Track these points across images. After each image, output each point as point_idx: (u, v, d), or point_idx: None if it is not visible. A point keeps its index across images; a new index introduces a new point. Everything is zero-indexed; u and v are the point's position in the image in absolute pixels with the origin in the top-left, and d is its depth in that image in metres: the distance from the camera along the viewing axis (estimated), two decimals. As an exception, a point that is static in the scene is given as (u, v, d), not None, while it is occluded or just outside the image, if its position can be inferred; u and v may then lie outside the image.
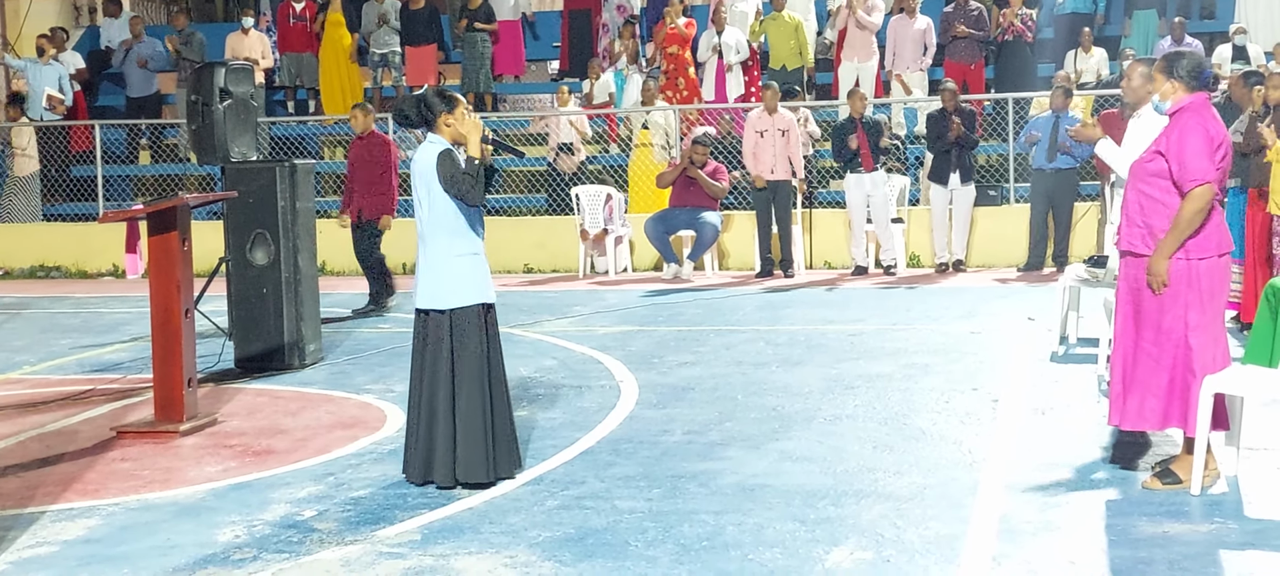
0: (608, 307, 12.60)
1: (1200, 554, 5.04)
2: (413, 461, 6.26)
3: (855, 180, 14.43)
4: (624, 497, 5.98)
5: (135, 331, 11.52)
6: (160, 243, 7.67)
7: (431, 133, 6.20)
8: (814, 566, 5.00)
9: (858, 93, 14.71)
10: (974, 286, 13.33)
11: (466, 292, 6.16)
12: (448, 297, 6.15)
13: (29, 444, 7.52)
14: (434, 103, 6.17)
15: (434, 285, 6.17)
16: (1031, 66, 17.15)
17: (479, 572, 5.02)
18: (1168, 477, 5.88)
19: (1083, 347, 9.41)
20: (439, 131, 6.17)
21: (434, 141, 6.16)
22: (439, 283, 6.16)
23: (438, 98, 6.19)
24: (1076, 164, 14.04)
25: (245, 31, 18.65)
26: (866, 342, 10.01)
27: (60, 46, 18.86)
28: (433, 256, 6.17)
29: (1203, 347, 5.76)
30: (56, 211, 18.38)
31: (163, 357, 7.66)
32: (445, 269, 6.15)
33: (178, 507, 6.08)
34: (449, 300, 6.15)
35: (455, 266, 6.15)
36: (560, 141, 16.94)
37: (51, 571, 5.19)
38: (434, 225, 6.15)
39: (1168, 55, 6.03)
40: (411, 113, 6.23)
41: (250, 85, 9.79)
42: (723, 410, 7.79)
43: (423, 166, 6.12)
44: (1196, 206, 5.70)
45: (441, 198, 6.10)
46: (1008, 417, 7.44)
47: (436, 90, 6.27)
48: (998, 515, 5.58)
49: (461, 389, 6.13)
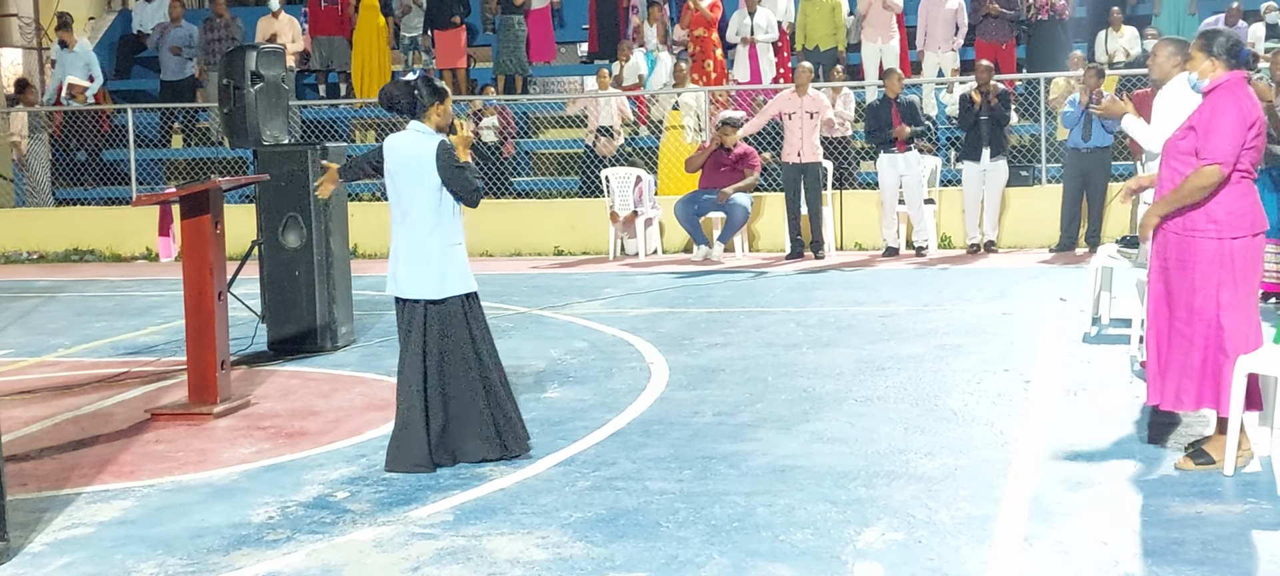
0: (638, 289, 12.60)
1: (1233, 534, 5.02)
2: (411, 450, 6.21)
3: (888, 160, 14.37)
4: (655, 478, 5.99)
5: (169, 314, 11.59)
6: (193, 226, 7.71)
7: (416, 121, 6.24)
8: (845, 547, 5.00)
9: (895, 73, 14.63)
10: (1006, 267, 13.28)
11: (464, 281, 6.24)
12: (449, 286, 6.21)
13: (64, 426, 7.59)
14: (425, 92, 6.22)
15: (428, 274, 6.19)
16: (1064, 46, 17.02)
17: (511, 553, 5.04)
18: (1201, 458, 5.85)
19: (1115, 328, 9.36)
20: (427, 121, 6.22)
21: (422, 131, 6.21)
22: (434, 271, 6.19)
23: (428, 88, 6.24)
24: (1111, 140, 13.95)
25: (276, 14, 18.70)
26: (897, 323, 9.99)
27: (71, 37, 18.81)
28: (424, 246, 6.18)
29: (1235, 327, 5.72)
30: (90, 195, 18.50)
31: (196, 340, 7.71)
32: (439, 258, 6.18)
33: (212, 489, 6.12)
34: (449, 288, 6.21)
35: (451, 256, 6.21)
36: (600, 124, 16.93)
37: (87, 552, 5.24)
38: (425, 214, 6.16)
39: (1205, 32, 5.98)
40: (402, 99, 6.24)
41: (281, 68, 9.81)
42: (753, 391, 7.79)
43: (416, 154, 6.15)
44: (1201, 182, 5.67)
45: (437, 187, 6.14)
46: (1039, 398, 7.41)
47: (427, 79, 6.32)
48: (1030, 496, 5.56)
49: (463, 373, 6.23)
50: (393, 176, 6.23)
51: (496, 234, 16.49)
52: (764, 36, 17.31)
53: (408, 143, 6.22)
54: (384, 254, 16.66)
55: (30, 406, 8.10)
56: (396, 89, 6.26)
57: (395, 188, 6.23)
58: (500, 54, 18.75)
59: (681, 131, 16.36)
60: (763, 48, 17.36)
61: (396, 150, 6.22)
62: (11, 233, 17.90)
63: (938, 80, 16.81)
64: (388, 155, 6.25)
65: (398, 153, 6.22)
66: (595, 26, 19.66)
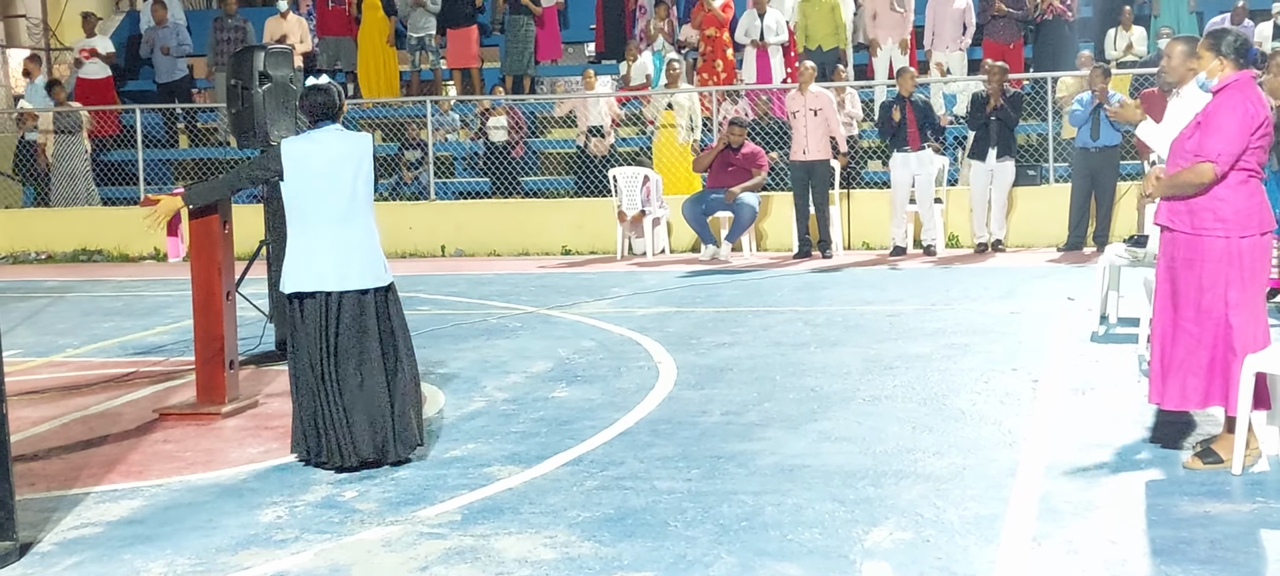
0: (645, 289, 12.61)
1: (1242, 533, 5.01)
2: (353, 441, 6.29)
3: (901, 159, 14.37)
4: (663, 478, 5.99)
5: (177, 314, 11.61)
6: (201, 226, 7.71)
7: (333, 122, 6.46)
8: (853, 546, 5.00)
9: (908, 71, 14.61)
10: (1013, 266, 13.27)
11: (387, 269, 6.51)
12: (387, 274, 6.45)
13: (72, 426, 7.60)
14: (343, 95, 6.60)
15: (377, 264, 6.40)
16: (1071, 45, 17.01)
17: (519, 552, 5.04)
18: (1209, 457, 5.84)
19: (1123, 327, 9.35)
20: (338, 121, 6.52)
21: (349, 131, 6.49)
22: (380, 260, 6.43)
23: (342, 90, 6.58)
24: (1119, 139, 13.94)
25: (284, 15, 18.73)
26: (905, 323, 9.98)
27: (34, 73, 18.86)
28: (364, 237, 6.37)
29: (1244, 326, 5.71)
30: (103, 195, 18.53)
31: (204, 340, 7.71)
32: (375, 248, 6.43)
33: (220, 488, 6.13)
34: (387, 276, 6.44)
35: (377, 245, 6.46)
36: (589, 125, 16.94)
37: (96, 551, 5.25)
38: (368, 206, 6.43)
39: (1213, 32, 5.98)
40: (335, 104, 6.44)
41: (289, 68, 9.81)
42: (761, 391, 7.79)
43: (358, 153, 6.37)
44: (1194, 178, 5.68)
45: (369, 183, 6.42)
46: (1048, 398, 7.40)
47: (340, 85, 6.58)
48: (1038, 495, 5.56)
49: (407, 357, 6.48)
50: (320, 177, 6.30)
51: (504, 233, 16.52)
52: (774, 38, 17.31)
53: (335, 142, 6.38)
54: (394, 253, 16.74)
55: (39, 406, 8.11)
56: (323, 96, 6.42)
57: (326, 186, 6.31)
58: (508, 54, 18.77)
59: (675, 131, 16.34)
60: (772, 49, 17.36)
61: (324, 149, 6.35)
62: (19, 233, 17.93)
63: (945, 79, 16.80)
64: (310, 158, 6.31)
65: (327, 151, 6.34)
66: (602, 27, 19.68)
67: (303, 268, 6.30)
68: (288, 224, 6.41)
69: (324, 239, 6.30)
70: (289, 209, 6.38)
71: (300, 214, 6.34)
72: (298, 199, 6.33)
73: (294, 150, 6.34)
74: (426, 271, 14.82)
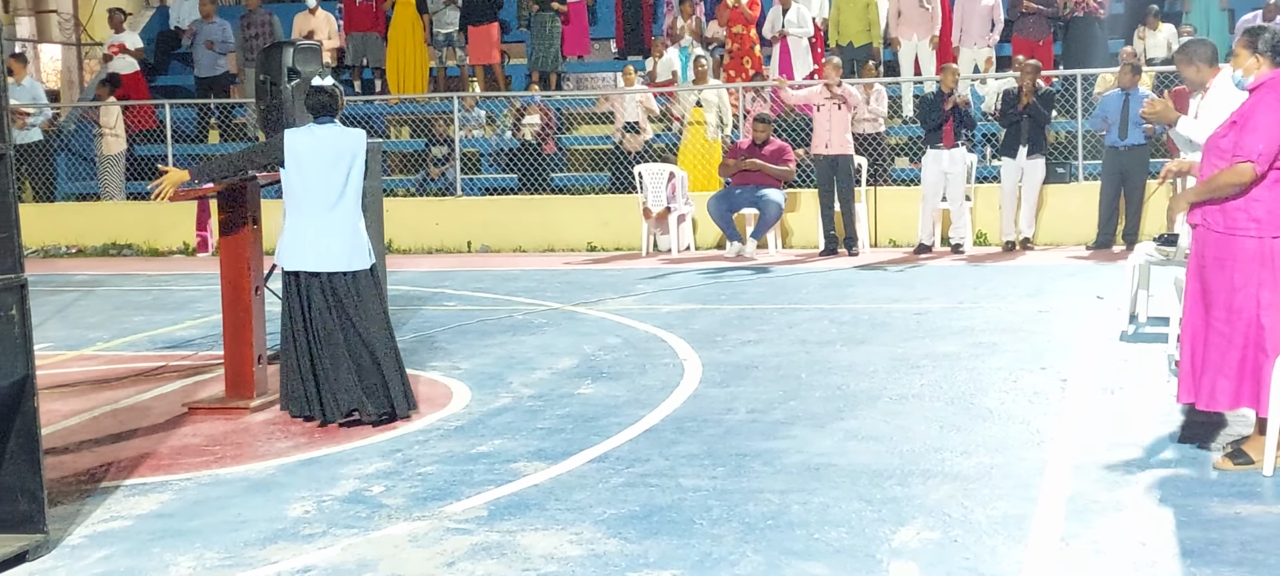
0: (671, 286, 12.60)
1: (1273, 535, 4.97)
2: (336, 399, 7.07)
3: (934, 156, 14.32)
4: (688, 475, 5.99)
5: (205, 309, 11.67)
6: (230, 220, 7.75)
7: (333, 118, 7.11)
8: (880, 546, 4.98)
9: (952, 68, 14.53)
10: (1042, 265, 13.21)
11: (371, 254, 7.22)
12: (368, 258, 7.13)
13: (102, 419, 7.65)
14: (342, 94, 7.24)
15: (357, 249, 7.07)
16: (1100, 43, 16.93)
17: (545, 549, 5.05)
18: (1239, 458, 5.81)
19: (1152, 326, 9.30)
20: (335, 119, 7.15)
21: (346, 127, 7.13)
22: (365, 244, 7.12)
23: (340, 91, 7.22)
24: (1147, 140, 13.87)
25: (312, 11, 18.79)
26: (932, 321, 9.95)
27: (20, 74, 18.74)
28: (350, 226, 7.05)
29: (1275, 327, 5.67)
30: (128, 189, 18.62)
31: (233, 334, 7.75)
32: (358, 234, 7.09)
33: (248, 483, 6.15)
34: (368, 260, 7.12)
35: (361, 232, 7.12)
36: (626, 120, 16.95)
37: (125, 544, 5.27)
38: (350, 198, 7.06)
39: (1249, 29, 5.93)
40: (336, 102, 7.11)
41: (318, 65, 9.84)
42: (787, 389, 7.77)
43: (352, 149, 7.03)
44: (1233, 179, 5.64)
45: (359, 176, 7.07)
46: (1076, 397, 7.37)
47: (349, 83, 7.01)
48: (1066, 495, 5.53)
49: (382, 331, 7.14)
50: (314, 168, 6.98)
51: (530, 229, 16.54)
52: (798, 32, 17.28)
53: (335, 135, 7.05)
54: (421, 249, 16.78)
55: (69, 400, 8.16)
56: (326, 96, 7.07)
57: (319, 177, 6.98)
58: (534, 50, 18.78)
59: (703, 127, 16.33)
60: (793, 42, 17.33)
61: (321, 144, 6.99)
62: (50, 226, 18.04)
63: (974, 76, 16.74)
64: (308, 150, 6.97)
65: (324, 145, 6.99)
66: (621, 23, 19.68)
67: (291, 247, 7.05)
68: (284, 205, 7.10)
69: (313, 223, 7.01)
70: (285, 193, 7.08)
71: (294, 198, 7.04)
72: (293, 185, 7.02)
73: (294, 141, 7.02)
74: (453, 267, 14.84)
